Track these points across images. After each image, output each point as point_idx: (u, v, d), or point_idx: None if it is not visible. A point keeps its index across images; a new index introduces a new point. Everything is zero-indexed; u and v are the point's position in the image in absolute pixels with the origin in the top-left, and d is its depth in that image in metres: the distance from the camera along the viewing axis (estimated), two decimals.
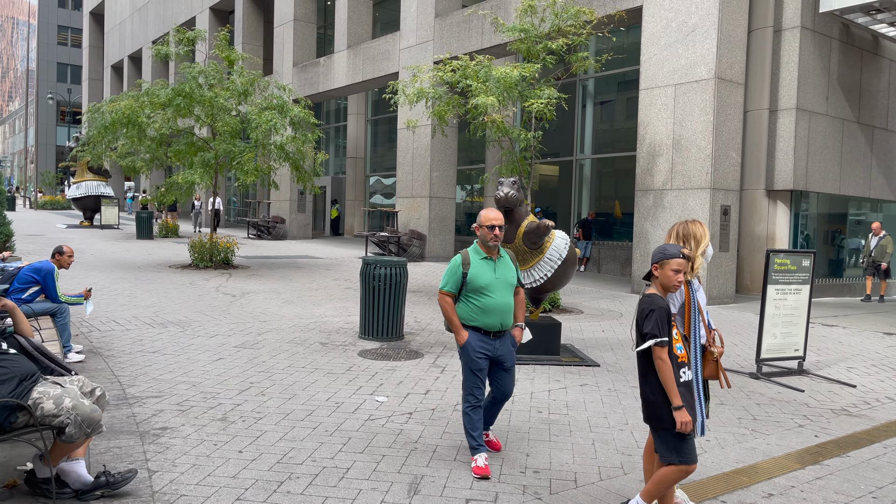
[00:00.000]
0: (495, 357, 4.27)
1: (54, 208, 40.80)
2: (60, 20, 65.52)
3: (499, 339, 4.27)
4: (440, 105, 11.77)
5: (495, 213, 4.24)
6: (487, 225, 4.22)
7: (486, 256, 4.29)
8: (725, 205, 12.66)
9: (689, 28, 12.59)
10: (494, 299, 4.21)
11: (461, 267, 4.25)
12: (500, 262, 4.32)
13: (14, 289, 6.58)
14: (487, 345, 4.23)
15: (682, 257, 3.31)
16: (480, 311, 4.21)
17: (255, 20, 27.78)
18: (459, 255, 4.31)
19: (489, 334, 4.24)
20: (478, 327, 4.23)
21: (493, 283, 4.22)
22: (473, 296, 4.22)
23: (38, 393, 3.63)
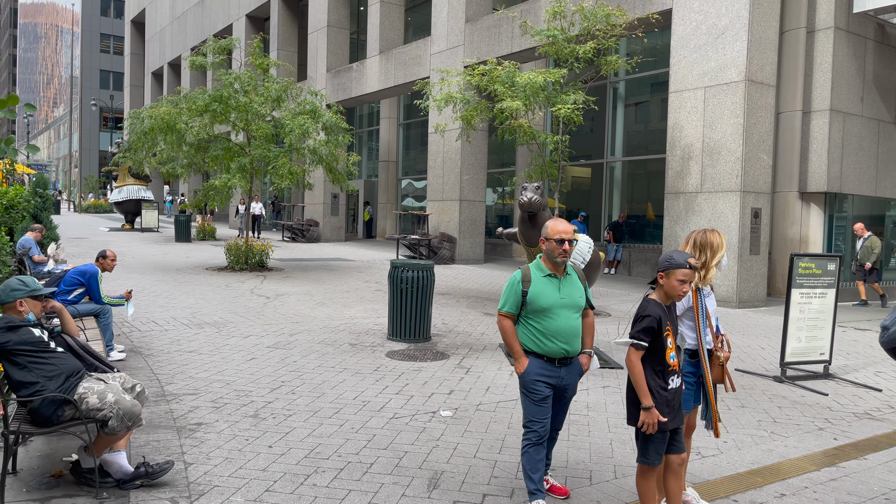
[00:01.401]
0: (559, 387, 3.73)
1: (97, 212, 42.01)
2: (103, 28, 67.36)
3: (565, 367, 3.72)
4: (468, 109, 11.95)
5: (565, 224, 3.67)
6: (556, 238, 3.62)
7: (550, 274, 3.71)
8: (756, 207, 12.59)
9: (718, 30, 12.56)
10: (557, 322, 3.65)
11: (520, 284, 3.70)
12: (566, 281, 3.73)
13: (60, 290, 6.94)
14: (551, 372, 3.69)
15: (689, 267, 3.30)
16: (542, 336, 3.66)
17: (290, 27, 28.30)
18: (519, 270, 3.77)
19: (553, 361, 3.69)
20: (539, 354, 3.69)
21: (556, 305, 3.66)
22: (534, 318, 3.68)
23: (84, 388, 3.90)
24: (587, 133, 18.91)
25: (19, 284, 4.09)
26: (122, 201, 27.04)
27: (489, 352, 7.83)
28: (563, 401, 3.84)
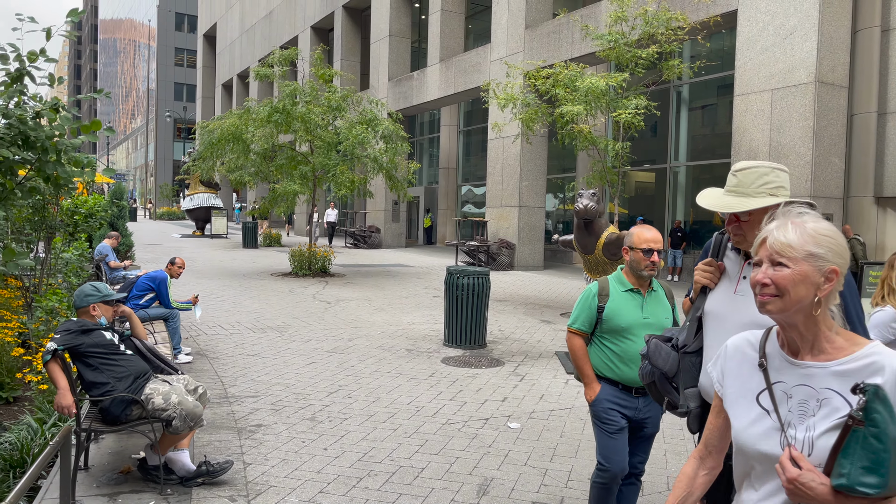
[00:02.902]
0: (636, 420, 3.27)
1: (171, 219, 43.72)
2: (177, 43, 70.16)
3: (643, 398, 3.26)
4: (528, 112, 11.94)
5: (653, 232, 3.23)
6: (643, 248, 3.20)
7: (631, 288, 3.28)
8: (827, 213, 12.12)
9: (787, 31, 12.19)
10: (638, 345, 3.18)
11: (596, 299, 3.27)
12: (650, 298, 3.30)
13: (133, 295, 7.29)
14: (626, 401, 3.25)
15: None
16: (618, 360, 3.23)
17: (353, 37, 28.86)
18: (595, 283, 3.34)
19: (630, 390, 3.25)
20: (614, 381, 3.25)
21: (637, 324, 3.22)
22: (610, 338, 3.25)
23: (150, 389, 4.10)
24: (650, 137, 18.59)
25: (92, 290, 4.33)
26: (194, 209, 28.08)
27: (545, 359, 7.80)
28: (642, 438, 3.33)
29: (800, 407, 1.53)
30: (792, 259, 1.50)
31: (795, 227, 1.53)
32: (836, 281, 1.50)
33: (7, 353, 5.67)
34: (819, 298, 1.50)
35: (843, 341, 1.54)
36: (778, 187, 2.22)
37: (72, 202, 12.36)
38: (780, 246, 1.51)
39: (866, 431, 1.35)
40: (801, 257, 1.49)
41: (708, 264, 2.42)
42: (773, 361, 1.60)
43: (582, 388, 6.56)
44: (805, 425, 1.49)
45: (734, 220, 2.28)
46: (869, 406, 1.36)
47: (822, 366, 1.52)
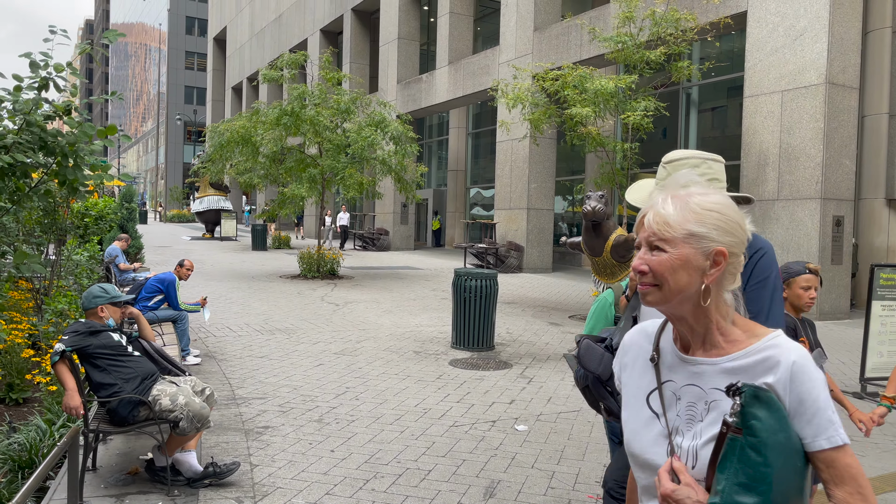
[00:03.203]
0: None
1: (181, 221, 43.94)
2: (188, 46, 70.56)
3: None
4: (536, 112, 11.92)
5: None
6: None
7: None
8: (838, 216, 12.04)
9: (797, 32, 12.12)
10: None
11: (612, 308, 3.18)
12: None
13: (142, 297, 7.32)
14: None
15: (810, 272, 3.14)
16: None
17: (362, 40, 28.93)
18: (611, 290, 3.27)
19: None
20: None
21: None
22: None
23: (157, 390, 4.12)
24: (660, 139, 18.53)
25: (100, 292, 4.35)
26: (203, 211, 28.21)
27: (553, 362, 7.78)
28: None
29: (688, 410, 1.32)
30: (670, 241, 1.28)
31: (676, 203, 1.30)
32: (724, 264, 1.28)
33: (17, 354, 5.70)
34: (706, 285, 1.28)
35: (739, 333, 1.32)
36: (710, 180, 2.09)
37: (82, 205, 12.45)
38: (656, 225, 1.29)
39: (744, 441, 1.17)
40: (680, 238, 1.27)
41: None
42: (665, 357, 1.40)
43: None
44: (692, 432, 1.29)
45: None
46: (746, 411, 1.18)
47: (713, 362, 1.31)
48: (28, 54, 4.45)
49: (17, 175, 4.43)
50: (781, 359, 1.24)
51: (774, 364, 1.25)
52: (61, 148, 4.47)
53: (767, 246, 2.12)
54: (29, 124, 4.39)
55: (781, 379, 1.23)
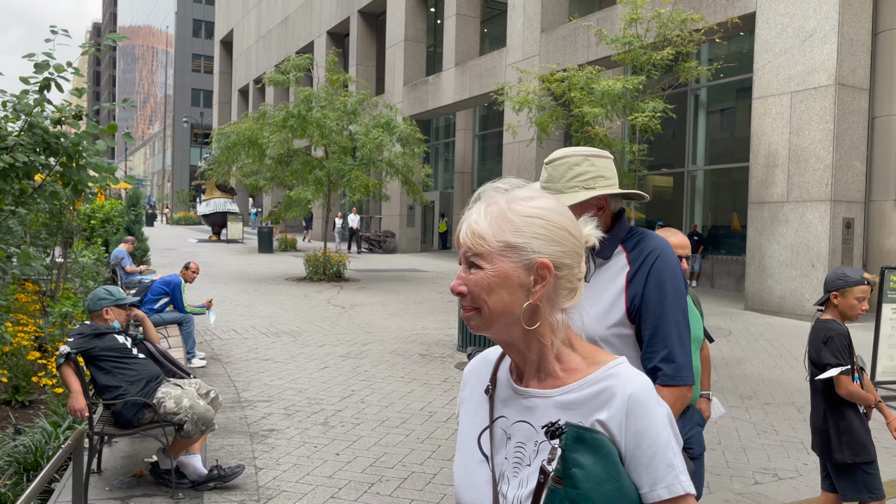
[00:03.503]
0: None
1: (187, 224, 44.06)
2: (194, 49, 70.83)
3: (680, 418, 2.78)
4: (543, 115, 11.88)
5: (679, 237, 2.98)
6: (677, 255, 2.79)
7: None
8: (848, 218, 11.95)
9: (806, 33, 12.04)
10: None
11: None
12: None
13: (148, 300, 7.31)
14: None
15: (867, 283, 3.02)
16: None
17: (368, 42, 28.95)
18: None
19: None
20: None
21: None
22: None
23: (162, 393, 4.09)
24: (668, 141, 18.46)
25: (105, 294, 4.33)
26: (210, 214, 28.26)
27: None
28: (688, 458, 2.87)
29: (516, 452, 1.12)
30: (486, 256, 1.08)
31: (491, 212, 1.10)
32: (550, 279, 1.08)
33: (23, 356, 5.69)
34: (533, 304, 1.08)
35: (579, 360, 1.13)
36: (594, 178, 1.86)
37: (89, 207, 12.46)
38: (470, 239, 1.10)
39: (563, 493, 0.99)
40: (496, 252, 1.08)
41: None
42: (500, 389, 1.19)
43: None
44: (518, 478, 1.10)
45: None
46: (567, 456, 1.00)
47: (546, 395, 1.11)
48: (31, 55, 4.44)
49: (19, 176, 4.42)
50: (617, 391, 1.06)
51: (610, 397, 1.06)
52: (65, 149, 4.46)
53: (662, 246, 1.87)
54: (31, 126, 4.38)
55: (616, 415, 1.04)
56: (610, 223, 1.90)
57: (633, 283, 1.82)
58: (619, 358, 1.13)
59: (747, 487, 4.34)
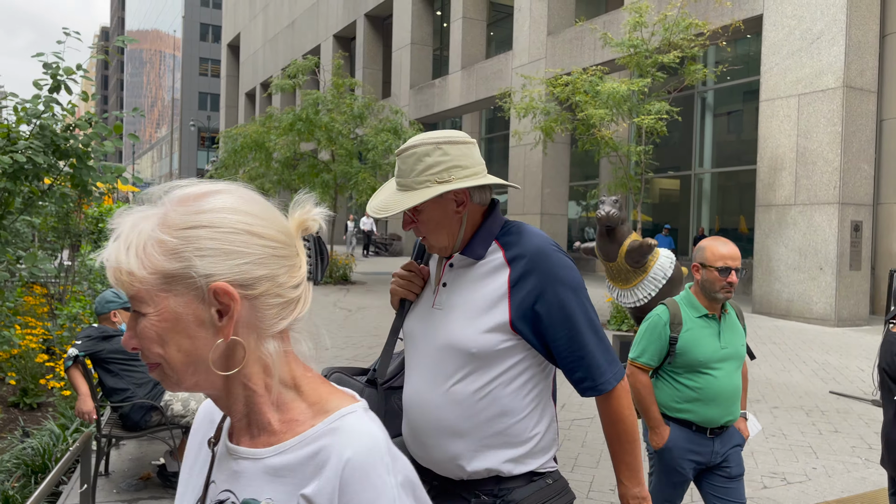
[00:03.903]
0: (711, 464, 2.77)
1: None
2: (202, 53, 71.16)
3: (718, 439, 2.76)
4: (548, 120, 11.89)
5: (729, 247, 2.73)
6: (719, 265, 2.67)
7: (706, 314, 2.75)
8: (856, 220, 11.89)
9: (813, 35, 12.01)
10: (719, 380, 2.70)
11: (668, 328, 2.73)
12: (726, 323, 2.79)
13: None
14: (701, 447, 2.73)
15: None
16: (696, 400, 2.70)
17: (375, 45, 29.02)
18: (664, 307, 2.80)
19: (704, 431, 2.73)
20: (688, 421, 2.73)
21: (716, 357, 2.71)
22: (684, 374, 2.73)
23: (169, 396, 4.10)
24: (674, 144, 18.43)
25: (113, 296, 4.35)
26: None
27: None
28: (728, 479, 2.76)
29: None
30: (143, 296, 0.80)
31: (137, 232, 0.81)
32: (236, 305, 0.80)
33: (31, 359, 5.72)
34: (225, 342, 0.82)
35: (303, 408, 0.86)
36: (448, 169, 1.58)
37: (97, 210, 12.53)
38: (116, 279, 0.81)
39: None
40: (154, 288, 0.80)
41: (408, 268, 1.80)
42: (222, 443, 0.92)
43: None
44: None
45: (410, 220, 1.68)
46: None
47: (256, 456, 0.85)
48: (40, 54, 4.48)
49: (29, 178, 4.45)
50: (332, 454, 0.80)
51: (323, 462, 0.80)
52: (74, 150, 4.50)
53: (544, 243, 1.63)
54: (42, 128, 4.42)
55: (325, 489, 0.79)
56: (481, 217, 1.69)
57: (519, 288, 1.60)
58: (353, 404, 0.86)
59: (756, 492, 4.32)
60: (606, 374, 1.64)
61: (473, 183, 1.60)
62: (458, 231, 1.66)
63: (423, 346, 1.72)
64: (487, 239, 1.67)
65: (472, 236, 1.67)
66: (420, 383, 1.70)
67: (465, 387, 1.63)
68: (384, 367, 1.83)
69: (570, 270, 1.62)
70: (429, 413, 1.67)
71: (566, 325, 1.59)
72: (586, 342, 1.60)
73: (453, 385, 1.64)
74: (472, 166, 1.63)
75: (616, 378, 1.65)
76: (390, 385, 1.87)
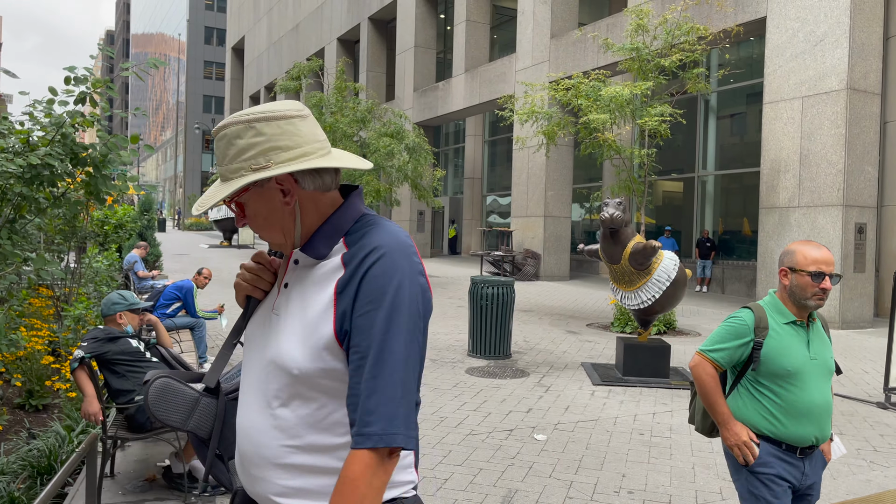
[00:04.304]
0: (800, 488, 2.53)
1: (199, 229, 44.29)
2: (206, 56, 71.33)
3: (807, 460, 2.53)
4: (550, 125, 11.91)
5: (822, 251, 2.50)
6: (812, 270, 2.47)
7: (794, 321, 2.53)
8: (860, 222, 11.88)
9: (817, 38, 12.01)
10: (808, 394, 2.48)
11: (753, 333, 2.52)
12: (814, 332, 2.57)
13: (160, 304, 7.36)
14: (792, 467, 2.49)
15: None
16: (784, 414, 2.48)
17: (379, 48, 29.08)
18: (748, 310, 2.58)
19: (794, 450, 2.49)
20: (773, 440, 2.49)
21: (806, 368, 2.49)
22: (769, 384, 2.50)
23: None
24: (677, 146, 18.42)
25: (119, 298, 4.37)
26: (221, 219, 28.41)
27: (570, 370, 7.72)
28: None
29: None
30: None
31: None
32: None
33: (37, 361, 5.75)
34: None
35: None
36: (264, 152, 1.32)
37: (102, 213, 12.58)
38: None
39: None
40: None
41: (257, 260, 1.52)
42: None
43: (609, 398, 6.48)
44: None
45: (240, 215, 1.43)
46: None
47: None
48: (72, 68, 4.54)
49: (44, 184, 4.50)
50: None
51: None
52: (92, 159, 4.55)
53: (391, 243, 1.33)
54: (64, 136, 4.47)
55: None
56: (331, 208, 1.41)
57: (343, 296, 1.32)
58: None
59: None
60: (379, 425, 1.23)
61: (295, 168, 1.31)
62: (292, 226, 1.39)
63: (255, 358, 1.44)
64: (333, 235, 1.39)
65: (316, 231, 1.40)
66: (248, 401, 1.43)
67: (290, 412, 1.35)
68: (214, 373, 1.56)
69: (398, 285, 1.29)
70: (252, 438, 1.39)
71: (359, 350, 1.27)
72: (375, 376, 1.25)
73: (278, 408, 1.36)
74: (296, 146, 1.33)
75: (387, 440, 1.23)
76: (230, 395, 1.57)
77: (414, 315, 1.30)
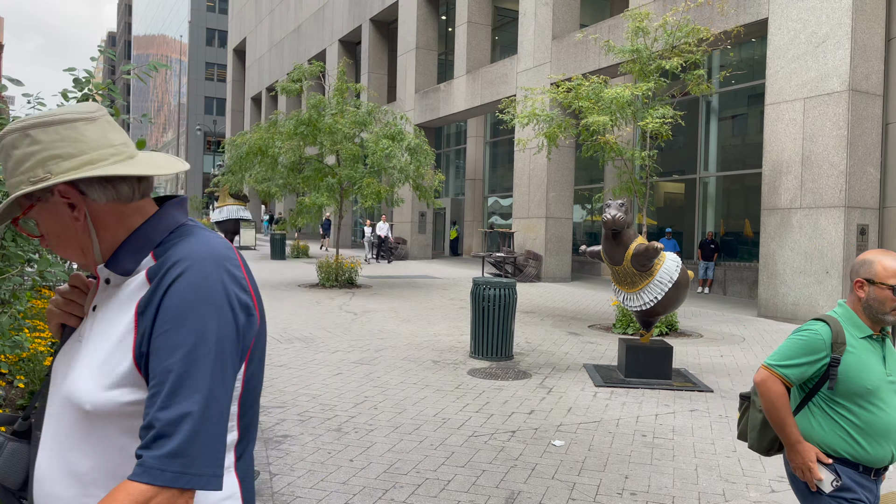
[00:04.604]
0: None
1: None
2: (208, 58, 71.43)
3: (878, 482, 2.40)
4: (551, 127, 11.91)
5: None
6: (894, 284, 2.29)
7: (870, 335, 2.37)
8: (862, 224, 11.87)
9: (819, 39, 12.00)
10: (889, 413, 2.32)
11: (829, 349, 2.34)
12: (888, 347, 2.43)
13: None
14: (868, 491, 2.34)
15: None
16: (862, 435, 2.31)
17: (380, 50, 29.11)
18: (824, 324, 2.38)
19: (869, 472, 2.34)
20: (855, 462, 2.32)
21: (883, 385, 2.33)
22: (846, 403, 2.33)
23: None
24: (679, 148, 18.42)
25: None
26: (223, 220, 28.41)
27: (572, 372, 7.72)
28: None
29: None
30: None
31: None
32: None
33: (40, 363, 5.76)
34: None
35: None
36: (42, 162, 1.16)
37: None
38: None
39: None
40: None
41: (72, 283, 1.35)
42: None
43: (611, 400, 6.48)
44: None
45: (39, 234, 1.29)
46: None
47: None
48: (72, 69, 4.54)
49: None
50: None
51: None
52: None
53: (199, 255, 1.17)
54: None
55: None
56: (140, 220, 1.25)
57: (146, 313, 1.15)
58: None
59: (764, 496, 4.32)
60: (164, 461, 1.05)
61: (72, 177, 1.15)
62: (90, 242, 1.23)
63: (54, 393, 1.25)
64: (142, 248, 1.23)
65: (121, 245, 1.24)
66: (42, 445, 1.23)
67: (81, 458, 1.17)
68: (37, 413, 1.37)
69: (206, 301, 1.13)
70: (44, 489, 1.20)
71: (156, 376, 1.10)
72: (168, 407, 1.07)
73: (69, 452, 1.18)
74: (79, 154, 1.17)
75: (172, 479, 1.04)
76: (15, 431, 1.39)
77: (224, 337, 1.13)
